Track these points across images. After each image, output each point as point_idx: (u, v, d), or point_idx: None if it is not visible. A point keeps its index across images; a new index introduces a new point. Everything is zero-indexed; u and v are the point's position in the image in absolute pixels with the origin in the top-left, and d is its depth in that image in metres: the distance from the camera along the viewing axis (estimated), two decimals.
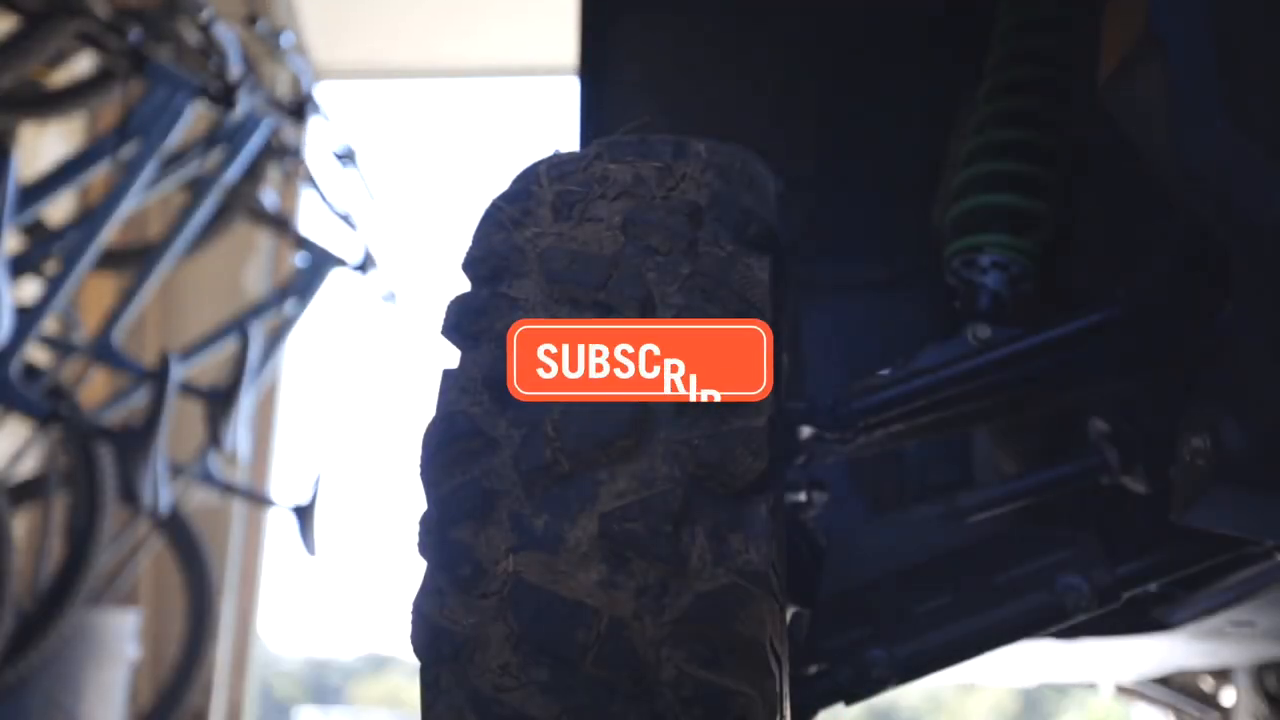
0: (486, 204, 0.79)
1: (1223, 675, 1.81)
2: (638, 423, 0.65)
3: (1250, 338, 0.71)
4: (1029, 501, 0.91)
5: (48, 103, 3.01)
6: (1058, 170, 0.95)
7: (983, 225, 0.94)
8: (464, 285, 0.77)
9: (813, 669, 0.85)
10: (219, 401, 2.68)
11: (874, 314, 1.12)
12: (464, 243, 0.79)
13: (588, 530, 0.63)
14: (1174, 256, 0.82)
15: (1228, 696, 1.85)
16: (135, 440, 2.32)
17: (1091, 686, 1.97)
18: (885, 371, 0.88)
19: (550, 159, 0.80)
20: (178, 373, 2.55)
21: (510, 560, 0.63)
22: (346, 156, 3.34)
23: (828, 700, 0.84)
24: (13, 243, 2.93)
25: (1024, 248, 0.94)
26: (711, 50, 1.32)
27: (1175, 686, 1.87)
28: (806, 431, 0.85)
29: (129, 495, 2.33)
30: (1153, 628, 0.99)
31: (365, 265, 3.50)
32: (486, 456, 0.66)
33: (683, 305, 0.69)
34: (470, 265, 0.76)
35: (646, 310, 0.69)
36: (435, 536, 0.66)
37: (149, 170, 2.64)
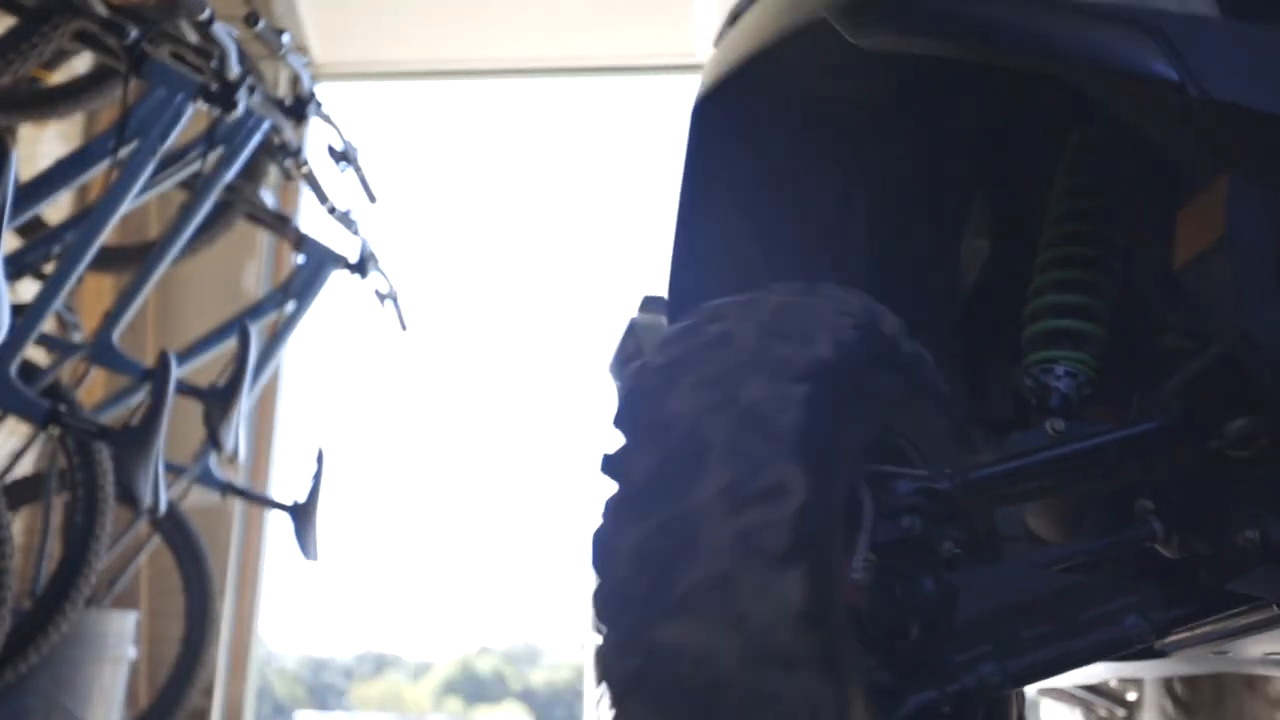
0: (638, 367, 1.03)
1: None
2: None
3: None
4: (1095, 559, 1.18)
5: (46, 102, 3.01)
6: (1109, 301, 1.26)
7: (1056, 343, 1.24)
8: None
9: (942, 678, 1.06)
10: (218, 402, 2.68)
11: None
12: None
13: None
14: (1219, 390, 1.09)
15: (1133, 694, 2.18)
16: (134, 440, 2.31)
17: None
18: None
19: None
20: (177, 373, 2.55)
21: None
22: (346, 157, 3.34)
23: (953, 700, 1.05)
24: (11, 242, 2.93)
25: (1087, 361, 1.23)
26: (796, 192, 1.52)
27: (1088, 685, 2.15)
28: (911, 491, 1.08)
29: (128, 495, 2.32)
30: (1148, 655, 1.26)
31: (365, 265, 3.50)
32: None
33: None
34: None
35: None
36: None
37: (148, 170, 2.64)
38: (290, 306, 3.41)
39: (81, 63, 3.34)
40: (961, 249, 1.56)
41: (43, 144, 4.33)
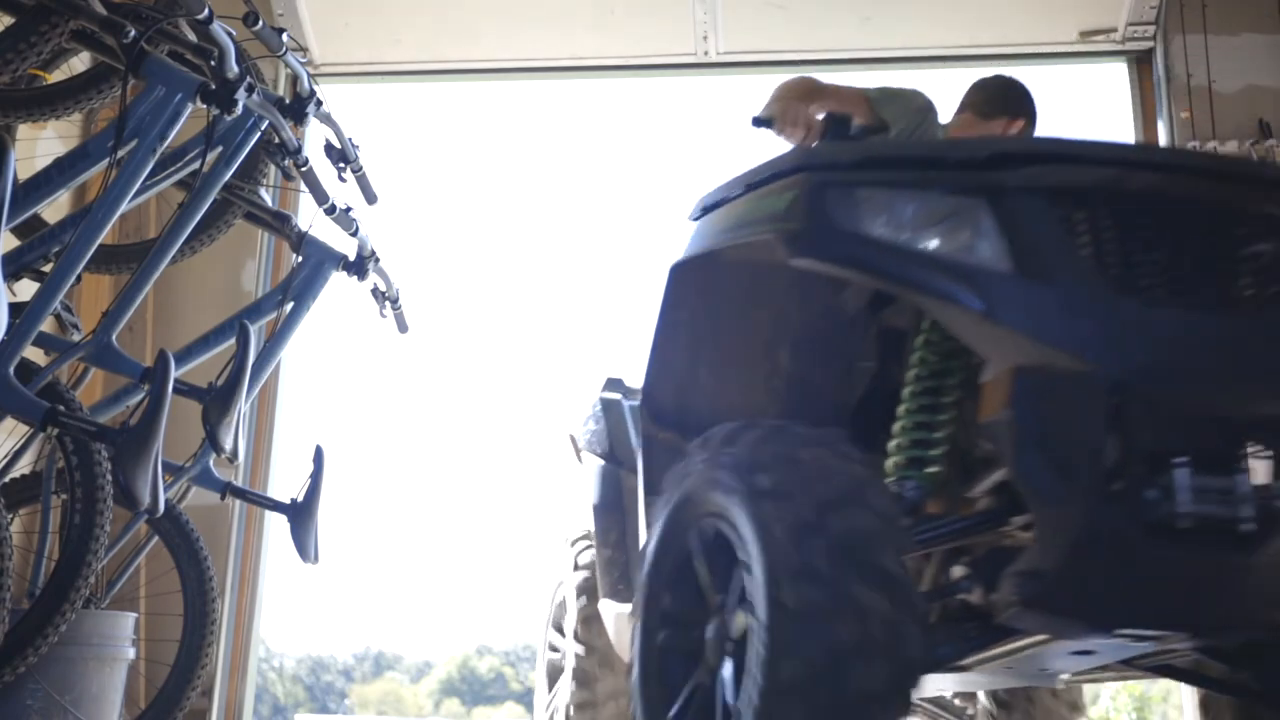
0: None
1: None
2: None
3: (1040, 544, 1.55)
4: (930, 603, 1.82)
5: (44, 102, 3.00)
6: (947, 435, 1.78)
7: (909, 466, 1.79)
8: None
9: None
10: (217, 402, 2.67)
11: None
12: None
13: None
14: (1007, 497, 1.68)
15: (970, 708, 2.85)
16: (133, 440, 2.30)
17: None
18: None
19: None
20: (175, 373, 2.54)
21: None
22: (346, 156, 3.33)
23: None
24: (9, 242, 2.92)
25: (929, 479, 1.78)
26: (736, 339, 2.09)
27: (932, 699, 2.73)
28: None
29: (127, 495, 2.31)
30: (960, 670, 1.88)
31: (365, 265, 3.49)
32: None
33: None
34: None
35: None
36: None
37: (146, 169, 2.63)
38: (289, 306, 3.40)
39: (80, 62, 3.33)
40: (854, 369, 2.06)
41: (41, 143, 4.32)
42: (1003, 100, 2.66)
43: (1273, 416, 1.54)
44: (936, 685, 2.27)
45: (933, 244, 1.61)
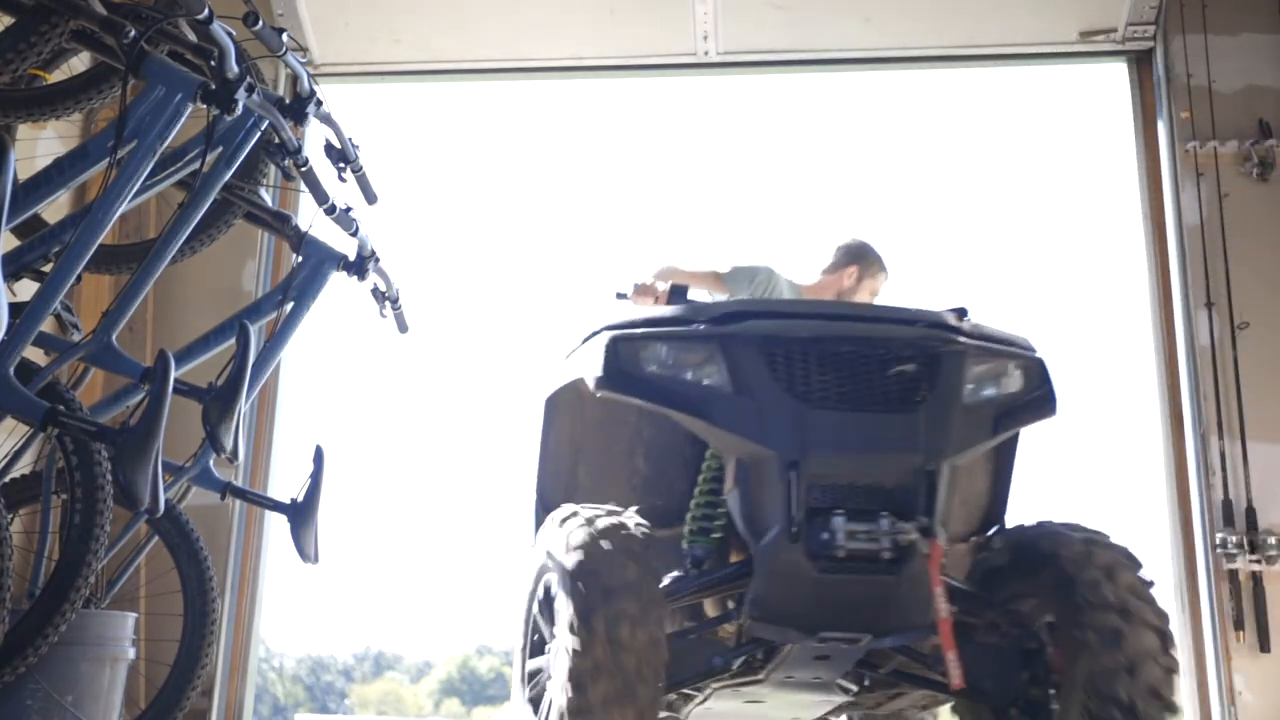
0: None
1: None
2: None
3: (756, 576, 2.17)
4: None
5: (44, 102, 3.00)
6: (725, 511, 2.37)
7: (692, 536, 2.41)
8: None
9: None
10: (217, 402, 2.67)
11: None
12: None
13: None
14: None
15: None
16: (133, 440, 2.30)
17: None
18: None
19: None
20: (175, 372, 2.54)
21: None
22: (346, 156, 3.33)
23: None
24: (9, 241, 2.92)
25: (711, 544, 2.36)
26: (601, 443, 2.70)
27: None
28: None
29: (127, 495, 2.31)
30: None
31: (364, 265, 3.49)
32: None
33: None
34: None
35: None
36: None
37: (146, 169, 2.63)
38: (289, 306, 3.40)
39: (80, 62, 3.33)
40: (690, 466, 2.50)
41: (41, 143, 4.33)
42: (847, 254, 3.63)
43: (898, 484, 2.16)
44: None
45: (686, 377, 2.24)
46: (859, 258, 3.59)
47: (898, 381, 2.20)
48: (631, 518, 2.25)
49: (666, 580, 2.29)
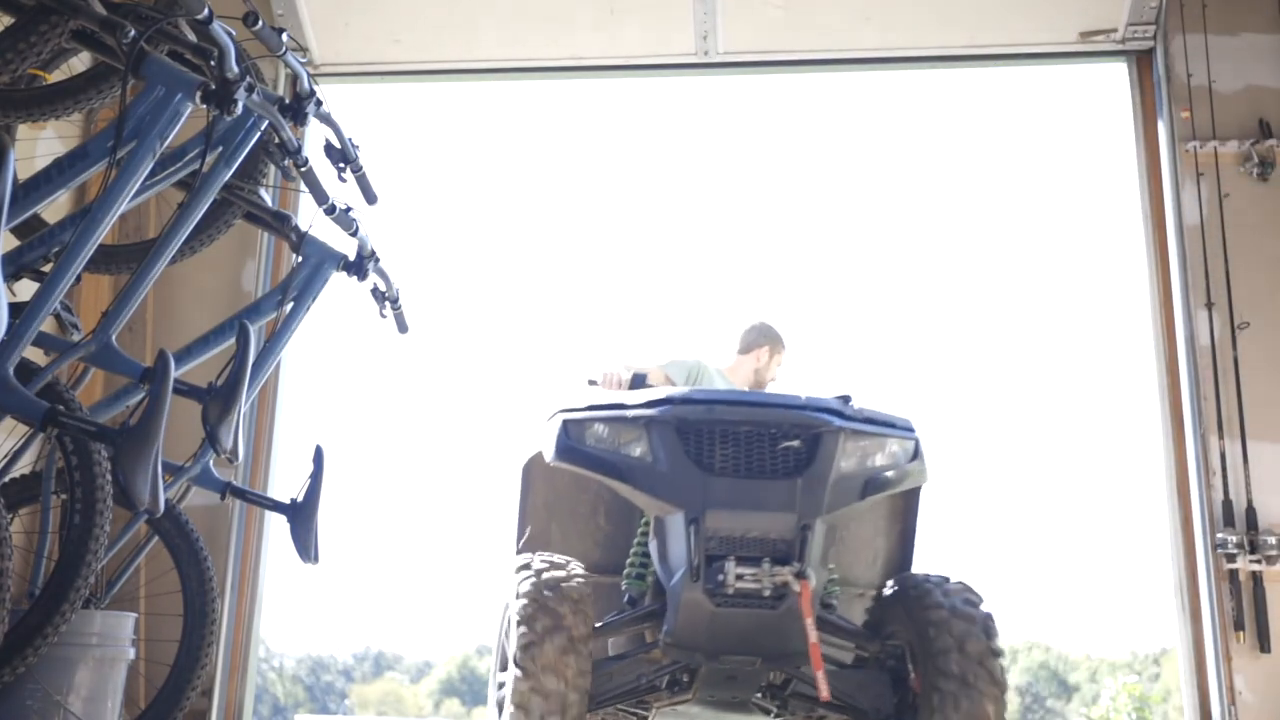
0: None
1: None
2: None
3: (668, 610, 2.71)
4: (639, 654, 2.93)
5: (44, 101, 3.00)
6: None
7: (635, 578, 3.02)
8: None
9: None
10: (217, 402, 2.67)
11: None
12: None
13: None
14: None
15: None
16: (133, 440, 2.30)
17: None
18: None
19: None
20: (175, 372, 2.54)
21: None
22: (346, 156, 3.33)
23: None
24: (9, 241, 2.92)
25: (645, 584, 2.96)
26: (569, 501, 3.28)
27: None
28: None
29: (126, 495, 2.31)
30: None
31: (364, 265, 3.49)
32: None
33: None
34: None
35: None
36: None
37: (146, 169, 2.63)
38: (289, 306, 3.40)
39: (80, 62, 3.33)
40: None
41: (41, 143, 4.32)
42: (755, 337, 4.12)
43: (779, 537, 2.61)
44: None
45: (620, 451, 2.72)
46: (767, 338, 4.13)
47: (783, 455, 2.67)
48: (574, 569, 2.72)
49: (610, 617, 2.85)
